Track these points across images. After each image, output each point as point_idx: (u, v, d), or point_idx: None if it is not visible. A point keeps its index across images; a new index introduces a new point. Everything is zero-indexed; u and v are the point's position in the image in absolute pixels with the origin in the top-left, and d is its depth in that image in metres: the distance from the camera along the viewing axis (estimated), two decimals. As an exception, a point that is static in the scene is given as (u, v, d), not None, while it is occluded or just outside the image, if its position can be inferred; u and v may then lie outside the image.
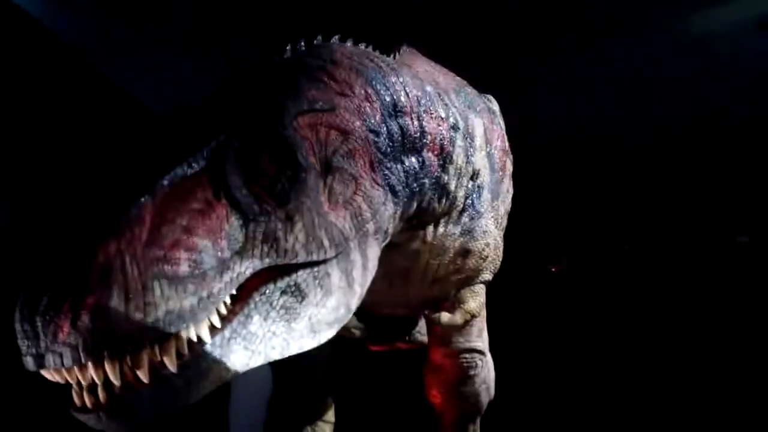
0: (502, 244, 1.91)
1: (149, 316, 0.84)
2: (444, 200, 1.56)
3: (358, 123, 1.26)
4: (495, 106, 2.06)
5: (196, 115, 1.14)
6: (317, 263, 1.09)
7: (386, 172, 1.31)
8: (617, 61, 6.73)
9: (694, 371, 3.67)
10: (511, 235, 2.14)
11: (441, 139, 1.48)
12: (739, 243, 7.17)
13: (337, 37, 1.48)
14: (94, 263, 0.84)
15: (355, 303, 1.22)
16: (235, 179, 1.00)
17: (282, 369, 2.27)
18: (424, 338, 2.29)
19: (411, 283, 1.77)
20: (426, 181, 1.45)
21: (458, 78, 1.87)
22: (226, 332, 0.97)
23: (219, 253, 0.94)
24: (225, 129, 1.04)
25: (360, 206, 1.21)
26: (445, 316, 1.87)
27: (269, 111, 1.09)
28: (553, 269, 7.79)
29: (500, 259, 1.92)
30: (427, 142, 1.44)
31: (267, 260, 1.01)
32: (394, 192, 1.33)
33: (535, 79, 7.19)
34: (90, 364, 0.84)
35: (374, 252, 1.28)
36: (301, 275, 1.07)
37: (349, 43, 1.47)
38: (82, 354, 0.81)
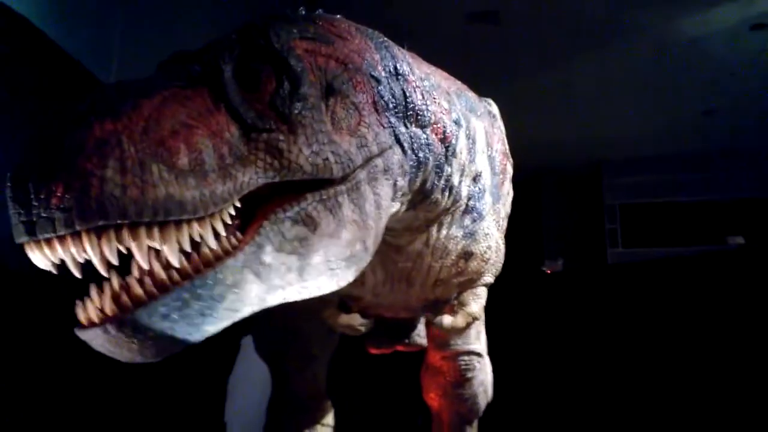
0: (503, 246, 1.91)
1: (147, 193, 0.80)
2: (447, 193, 1.52)
3: (357, 59, 1.21)
4: (495, 110, 2.06)
5: (196, 53, 1.09)
6: (325, 188, 1.06)
7: (392, 120, 1.25)
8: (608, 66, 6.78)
9: (692, 371, 3.68)
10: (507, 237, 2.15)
11: (444, 126, 1.43)
12: (731, 245, 7.23)
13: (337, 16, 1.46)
14: (89, 135, 0.80)
15: (371, 242, 1.16)
16: (235, 92, 0.98)
17: (280, 372, 2.26)
18: (423, 341, 2.29)
19: (413, 285, 1.77)
20: (431, 158, 1.39)
21: (458, 82, 1.87)
22: (239, 260, 0.92)
23: (220, 158, 0.90)
24: (222, 45, 1.03)
25: (365, 137, 1.15)
26: (447, 320, 1.86)
27: (266, 30, 1.06)
28: (548, 271, 7.82)
29: (501, 262, 1.92)
30: (431, 121, 1.39)
31: (270, 173, 0.97)
32: (400, 144, 1.27)
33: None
34: (84, 234, 0.79)
35: (386, 192, 1.21)
36: (311, 202, 1.03)
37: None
38: (75, 219, 0.77)
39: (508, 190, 2.03)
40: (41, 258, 0.83)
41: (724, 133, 8.80)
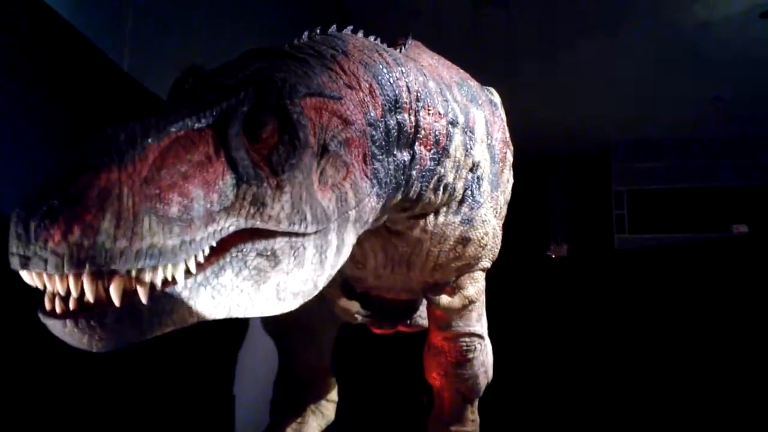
0: (500, 232, 1.98)
1: (134, 244, 0.88)
2: (441, 192, 1.63)
3: (359, 116, 1.32)
4: (496, 98, 2.12)
5: (210, 79, 1.19)
6: (297, 234, 1.14)
7: (377, 165, 1.37)
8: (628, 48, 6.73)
9: (695, 356, 3.72)
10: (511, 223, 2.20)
11: (436, 135, 1.56)
12: (735, 233, 7.23)
13: (350, 28, 1.55)
14: (94, 183, 0.88)
15: (322, 282, 1.25)
16: (237, 141, 1.05)
17: (286, 348, 2.34)
18: (425, 322, 2.36)
19: (413, 268, 1.84)
20: (413, 173, 1.52)
21: (462, 71, 1.92)
22: (198, 278, 1.00)
23: (208, 205, 0.98)
24: (237, 93, 1.09)
25: (347, 192, 1.26)
26: (444, 299, 1.95)
27: (281, 86, 1.13)
28: (553, 256, 7.87)
29: (498, 248, 1.98)
30: (421, 137, 1.51)
31: (251, 221, 1.05)
32: (380, 185, 1.39)
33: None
34: (71, 276, 0.88)
35: (350, 239, 1.33)
36: (280, 242, 1.11)
37: (360, 35, 1.54)
38: (66, 264, 0.85)
39: (507, 177, 2.09)
40: (30, 281, 0.92)
41: (732, 120, 8.75)
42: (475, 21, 6.23)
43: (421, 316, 2.45)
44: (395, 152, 1.45)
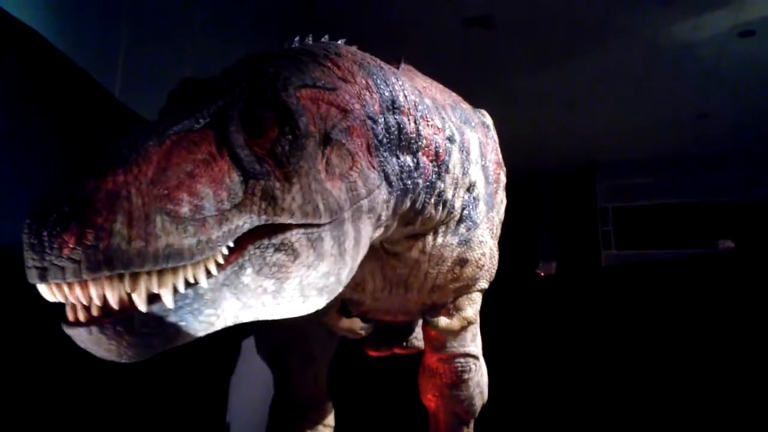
0: (497, 253, 1.99)
1: (150, 245, 0.87)
2: (441, 207, 1.62)
3: (357, 105, 1.30)
4: (488, 120, 2.14)
5: (205, 84, 1.17)
6: (312, 225, 1.12)
7: (382, 159, 1.35)
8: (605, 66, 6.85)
9: (684, 372, 3.74)
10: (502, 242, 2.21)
11: (437, 146, 1.54)
12: (721, 249, 7.31)
13: (343, 40, 1.56)
14: (102, 187, 0.87)
15: (345, 274, 1.24)
16: (238, 138, 1.04)
17: (283, 373, 2.32)
18: (421, 344, 2.36)
19: (411, 290, 1.84)
20: (420, 181, 1.49)
21: (454, 94, 1.94)
22: (220, 277, 0.99)
23: (219, 204, 0.97)
24: (232, 91, 1.08)
25: (356, 182, 1.24)
26: (443, 321, 1.94)
27: (274, 78, 1.13)
28: (542, 274, 7.89)
29: (495, 268, 1.99)
30: (423, 145, 1.49)
31: (264, 217, 1.04)
32: (388, 180, 1.37)
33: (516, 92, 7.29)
34: (90, 282, 0.87)
35: (367, 231, 1.30)
36: (296, 235, 1.09)
37: (354, 47, 1.54)
38: (83, 269, 0.84)
39: (501, 198, 2.11)
40: (50, 296, 0.91)
41: (716, 136, 8.90)
42: (463, 41, 6.32)
43: (417, 338, 2.45)
44: (399, 154, 1.42)
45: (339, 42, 1.54)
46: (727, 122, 8.36)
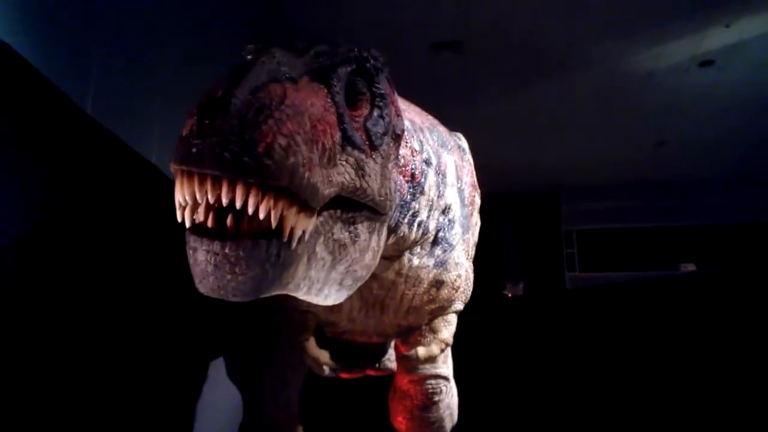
0: (472, 274, 2.00)
1: (313, 176, 0.91)
2: (416, 228, 1.61)
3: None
4: (464, 144, 2.16)
5: (306, 45, 1.14)
6: (376, 213, 1.14)
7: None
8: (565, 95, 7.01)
9: (645, 392, 3.80)
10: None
11: (413, 168, 1.54)
12: (683, 272, 7.48)
13: None
14: (290, 96, 0.91)
15: (369, 273, 1.23)
16: (342, 100, 1.05)
17: (254, 397, 2.28)
18: (394, 365, 2.35)
19: (387, 312, 1.84)
20: (396, 198, 1.52)
21: (431, 117, 1.96)
22: (306, 236, 0.97)
23: (325, 155, 0.97)
24: (346, 57, 1.10)
25: (398, 184, 1.30)
26: (422, 351, 1.92)
27: (375, 63, 1.16)
28: (509, 295, 7.95)
29: (470, 290, 2.00)
30: (400, 165, 1.49)
31: (349, 187, 1.04)
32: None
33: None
34: (240, 181, 0.85)
35: (384, 240, 1.31)
36: (361, 217, 1.11)
37: None
38: (269, 175, 0.84)
39: (476, 220, 2.13)
40: (185, 195, 0.89)
41: (675, 163, 9.16)
42: (431, 65, 6.39)
43: (390, 359, 2.43)
44: None
45: None
46: (687, 150, 8.62)
